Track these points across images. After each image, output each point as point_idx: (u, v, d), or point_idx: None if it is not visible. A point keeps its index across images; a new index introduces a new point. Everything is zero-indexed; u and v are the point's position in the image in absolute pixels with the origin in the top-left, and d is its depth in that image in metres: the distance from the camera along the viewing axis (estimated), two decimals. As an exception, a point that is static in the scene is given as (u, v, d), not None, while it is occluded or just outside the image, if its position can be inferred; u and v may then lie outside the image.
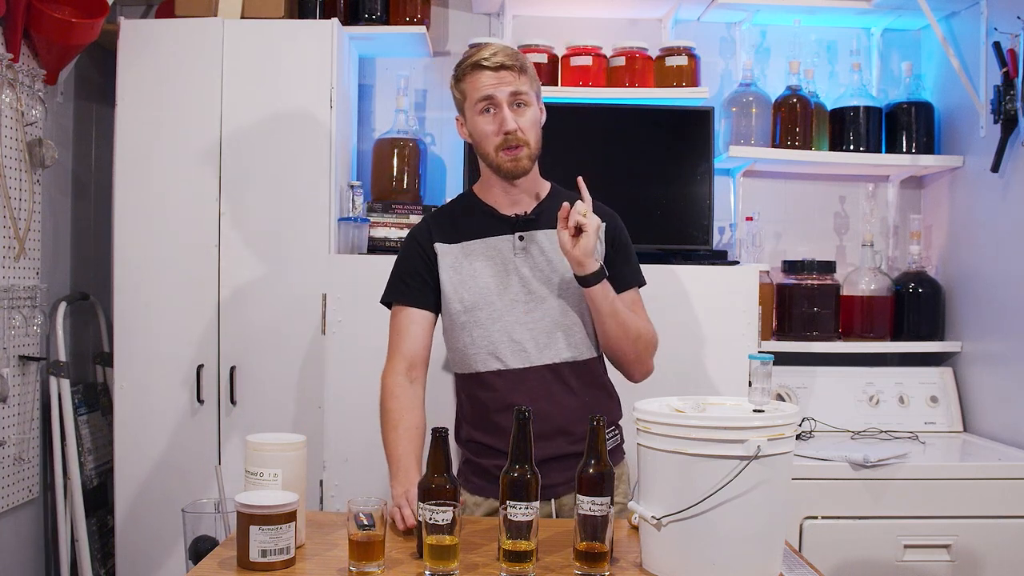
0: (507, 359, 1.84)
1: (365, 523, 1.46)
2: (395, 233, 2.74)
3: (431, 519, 1.43)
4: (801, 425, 2.73)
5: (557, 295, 1.86)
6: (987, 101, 2.69)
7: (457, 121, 1.92)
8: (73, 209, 2.98)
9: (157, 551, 2.68)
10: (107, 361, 2.98)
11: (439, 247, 1.89)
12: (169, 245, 2.68)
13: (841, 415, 2.84)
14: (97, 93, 3.06)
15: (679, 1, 2.95)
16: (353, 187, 2.74)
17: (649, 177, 2.80)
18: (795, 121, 2.92)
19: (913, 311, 2.94)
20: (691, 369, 2.50)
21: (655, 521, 1.45)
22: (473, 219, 1.91)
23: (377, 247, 2.72)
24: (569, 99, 2.90)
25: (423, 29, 2.88)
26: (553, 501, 1.84)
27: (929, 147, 2.95)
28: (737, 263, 2.75)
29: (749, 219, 2.97)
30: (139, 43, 2.68)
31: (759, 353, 1.94)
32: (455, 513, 1.43)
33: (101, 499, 2.93)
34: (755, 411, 1.50)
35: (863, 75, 3.01)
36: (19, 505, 2.63)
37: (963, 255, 2.90)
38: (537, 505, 1.48)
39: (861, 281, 2.94)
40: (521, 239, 1.88)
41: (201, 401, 2.68)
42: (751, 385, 1.57)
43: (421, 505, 1.49)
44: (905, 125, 2.96)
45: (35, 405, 2.69)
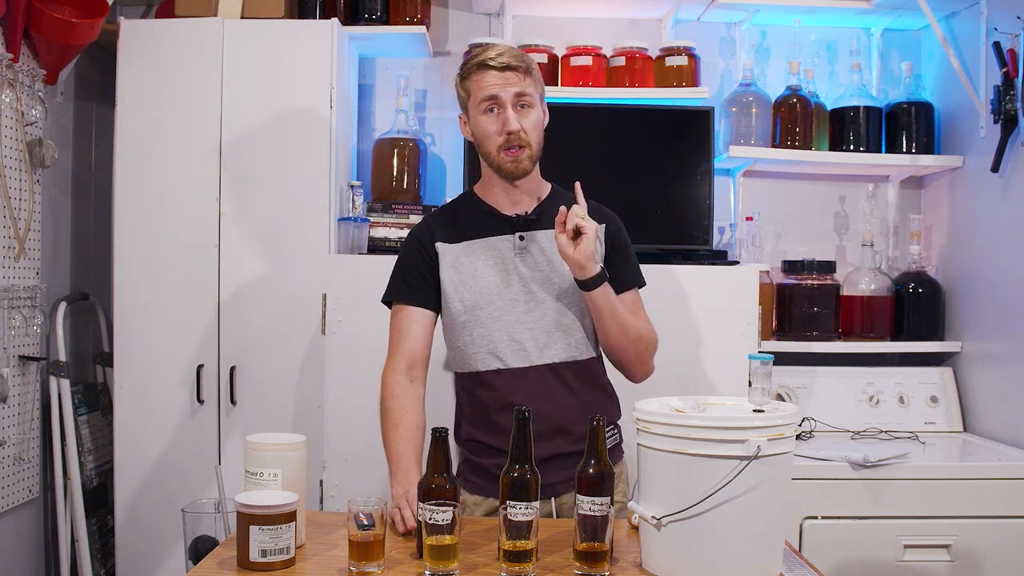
0: (507, 358, 1.84)
1: (365, 523, 1.46)
2: (395, 233, 2.74)
3: (431, 519, 1.43)
4: (801, 425, 2.73)
5: (557, 295, 1.86)
6: (987, 101, 2.69)
7: (460, 119, 1.92)
8: (73, 209, 2.98)
9: (157, 551, 2.68)
10: (107, 361, 2.98)
11: (440, 246, 1.90)
12: (169, 245, 2.68)
13: (841, 415, 2.84)
14: (97, 93, 3.06)
15: (679, 1, 2.95)
16: (353, 187, 2.74)
17: (649, 177, 2.80)
18: (795, 121, 2.92)
19: (913, 311, 2.94)
20: (691, 369, 2.50)
21: (655, 521, 1.45)
22: (474, 219, 1.92)
23: (377, 247, 2.72)
24: (569, 99, 2.89)
25: (423, 29, 2.88)
26: (553, 500, 1.85)
27: (929, 147, 2.95)
28: (737, 263, 2.75)
29: (749, 219, 2.97)
30: (139, 43, 2.68)
31: (759, 353, 1.94)
32: (455, 513, 1.43)
33: (101, 499, 2.93)
34: (755, 411, 1.50)
35: (863, 75, 3.01)
36: (19, 505, 2.63)
37: (963, 255, 2.90)
38: (537, 505, 1.48)
39: (861, 281, 2.94)
40: (522, 239, 1.88)
41: (201, 401, 2.68)
42: (751, 385, 1.57)
43: (421, 505, 1.49)
44: (905, 125, 2.96)
45: (35, 405, 2.69)
